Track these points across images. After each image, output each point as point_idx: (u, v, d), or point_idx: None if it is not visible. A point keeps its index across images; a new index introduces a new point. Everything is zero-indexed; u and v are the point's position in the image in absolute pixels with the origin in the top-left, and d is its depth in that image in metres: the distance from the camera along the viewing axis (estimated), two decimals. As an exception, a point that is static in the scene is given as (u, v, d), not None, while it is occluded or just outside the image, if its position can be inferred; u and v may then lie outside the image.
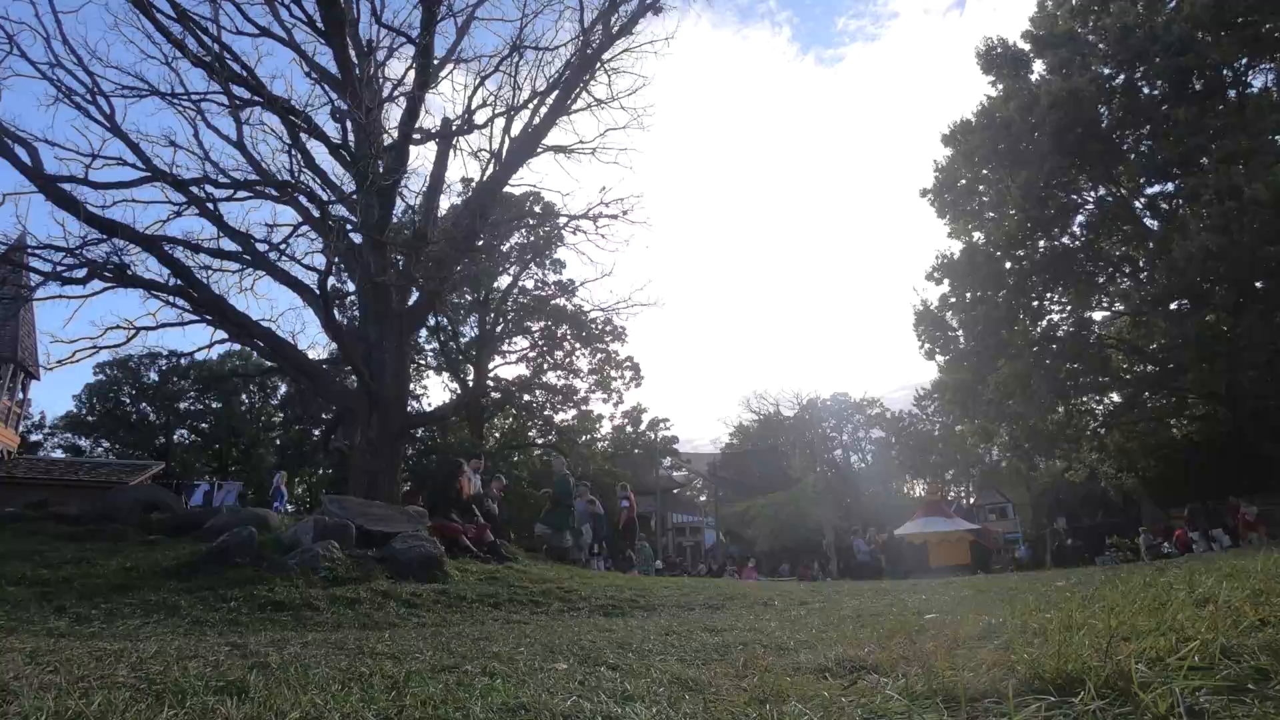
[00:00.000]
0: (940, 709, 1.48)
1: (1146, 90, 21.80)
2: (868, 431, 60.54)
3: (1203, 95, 20.68)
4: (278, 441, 44.89)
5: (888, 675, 1.87)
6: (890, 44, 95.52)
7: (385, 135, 12.14)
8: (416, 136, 12.71)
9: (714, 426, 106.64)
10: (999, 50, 24.56)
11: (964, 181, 25.28)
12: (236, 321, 11.55)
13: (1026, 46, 24.25)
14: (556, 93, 12.81)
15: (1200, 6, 18.94)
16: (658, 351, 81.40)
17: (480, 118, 12.87)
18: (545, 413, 34.85)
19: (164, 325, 11.63)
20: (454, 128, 12.98)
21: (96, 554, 7.09)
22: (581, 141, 13.46)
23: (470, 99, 12.84)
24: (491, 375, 33.28)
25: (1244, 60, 20.36)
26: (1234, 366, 18.51)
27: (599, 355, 34.75)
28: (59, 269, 10.60)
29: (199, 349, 15.41)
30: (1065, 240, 24.01)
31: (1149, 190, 22.90)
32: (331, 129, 12.15)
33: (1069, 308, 24.29)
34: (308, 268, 12.47)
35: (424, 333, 31.17)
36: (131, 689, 2.15)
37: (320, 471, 34.32)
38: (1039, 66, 24.02)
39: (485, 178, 13.05)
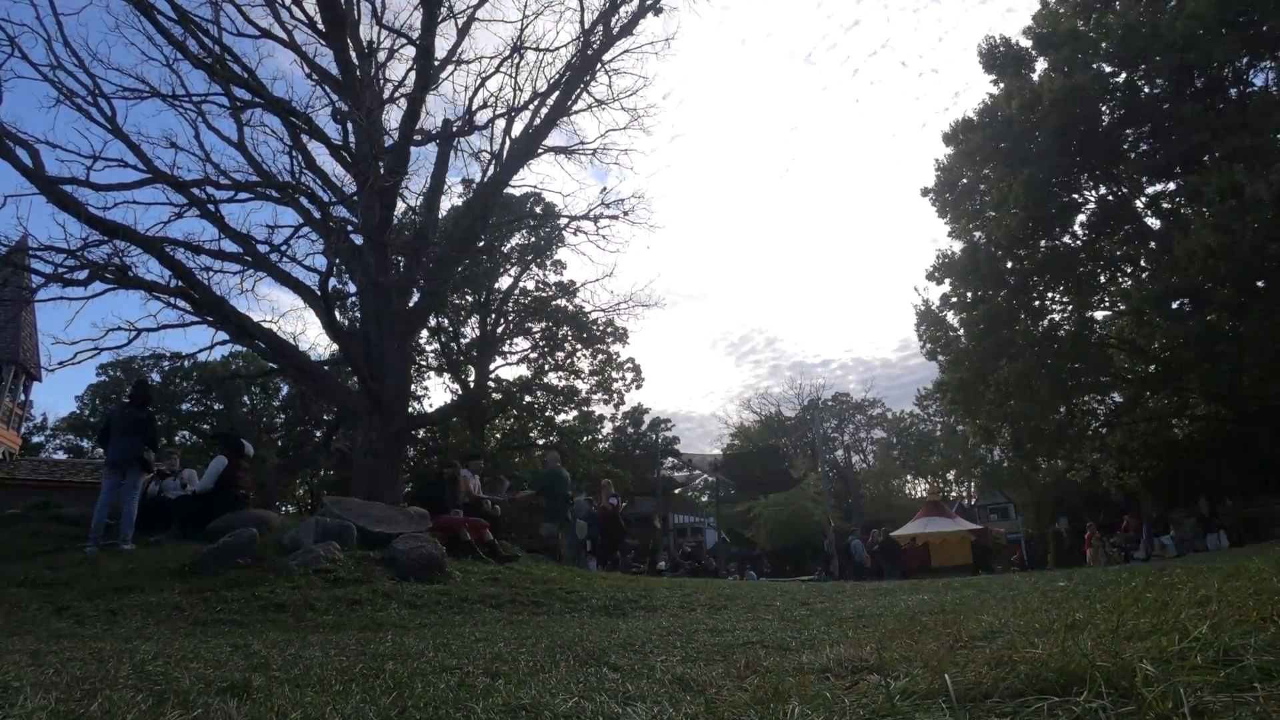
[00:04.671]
0: (943, 709, 1.48)
1: (1148, 89, 21.77)
2: (869, 432, 60.67)
3: (1204, 93, 20.65)
4: (279, 442, 44.90)
5: (890, 675, 1.87)
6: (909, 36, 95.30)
7: (386, 136, 12.16)
8: (417, 138, 12.73)
9: (715, 426, 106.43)
10: (1001, 49, 24.52)
11: (965, 180, 25.24)
12: (238, 323, 11.57)
13: (1029, 44, 24.22)
14: (557, 94, 12.84)
15: (1203, 4, 18.92)
16: (659, 351, 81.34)
17: (481, 119, 12.93)
18: (546, 414, 34.84)
19: (165, 327, 11.67)
20: (455, 129, 13.01)
21: (98, 555, 7.11)
22: (582, 142, 13.52)
23: (471, 100, 12.91)
24: (492, 376, 33.28)
25: (1245, 59, 20.34)
26: (1236, 366, 18.46)
27: (600, 356, 34.75)
28: (60, 270, 10.62)
29: (200, 350, 15.41)
30: (1066, 240, 23.96)
31: (1150, 189, 22.89)
32: (332, 130, 12.19)
33: (1070, 307, 24.25)
34: (309, 269, 12.54)
35: (425, 334, 31.15)
36: (133, 689, 2.15)
37: (322, 472, 34.32)
38: (1041, 65, 23.99)
39: (486, 179, 13.07)
